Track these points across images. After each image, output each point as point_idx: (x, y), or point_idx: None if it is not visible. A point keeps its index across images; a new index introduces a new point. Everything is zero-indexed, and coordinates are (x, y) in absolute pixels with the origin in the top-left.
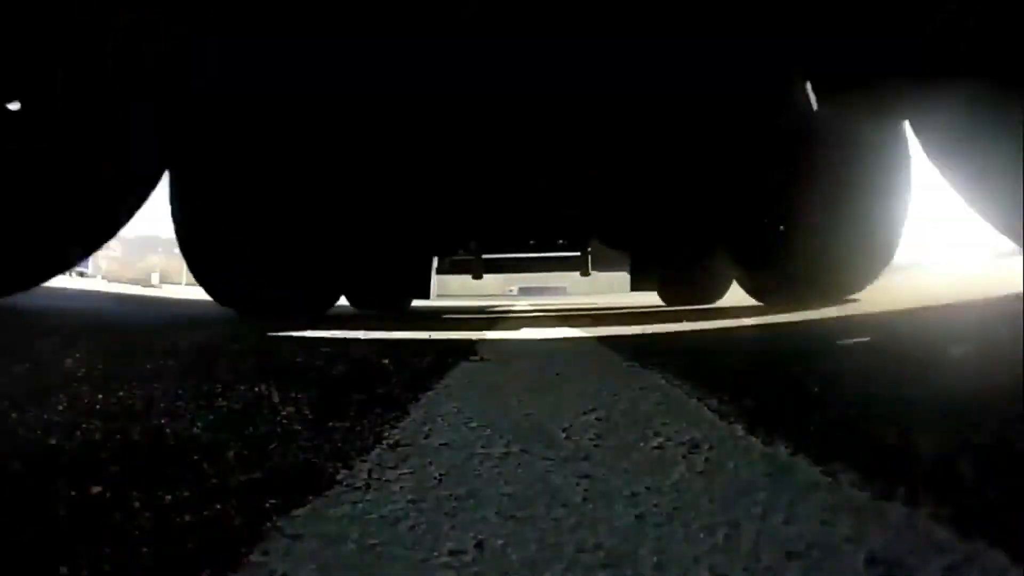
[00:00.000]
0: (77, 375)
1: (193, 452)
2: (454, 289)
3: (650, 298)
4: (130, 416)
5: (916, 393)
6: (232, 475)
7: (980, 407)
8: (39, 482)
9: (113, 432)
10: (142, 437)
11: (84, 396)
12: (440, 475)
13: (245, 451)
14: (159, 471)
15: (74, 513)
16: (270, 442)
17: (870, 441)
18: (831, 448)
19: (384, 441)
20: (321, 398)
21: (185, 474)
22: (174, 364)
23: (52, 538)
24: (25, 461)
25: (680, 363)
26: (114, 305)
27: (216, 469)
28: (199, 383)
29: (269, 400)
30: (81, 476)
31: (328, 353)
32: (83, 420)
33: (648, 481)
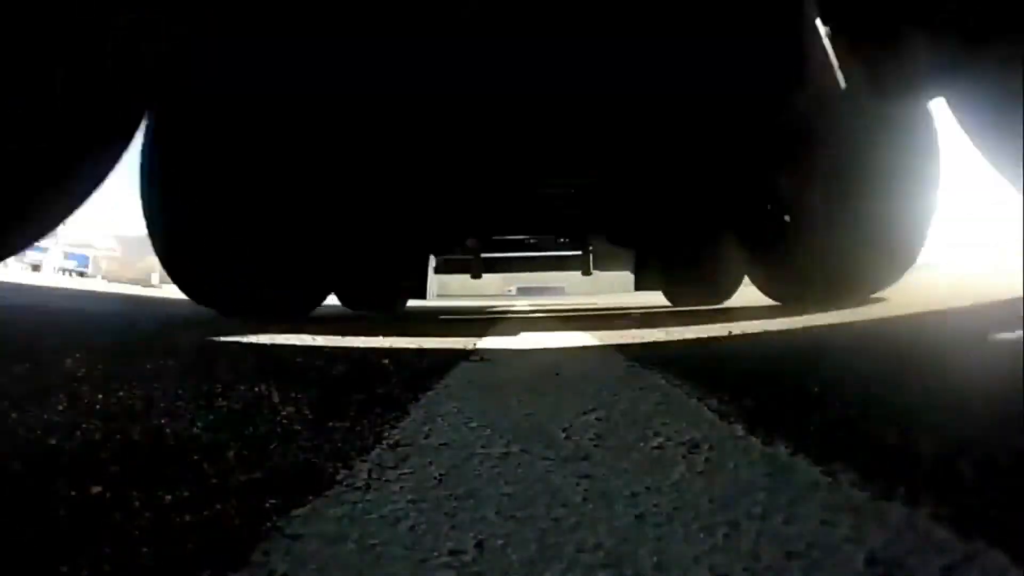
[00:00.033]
0: (77, 375)
1: (193, 452)
2: (453, 289)
3: (654, 298)
4: (130, 416)
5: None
6: (232, 475)
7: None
8: (39, 482)
9: (113, 432)
10: (142, 437)
11: (84, 396)
12: (440, 475)
13: (245, 451)
14: (159, 471)
15: (74, 513)
16: (270, 442)
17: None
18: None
19: (384, 441)
20: (321, 398)
21: (185, 474)
22: (174, 364)
23: (52, 538)
24: (25, 461)
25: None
26: (114, 305)
27: (216, 469)
28: (199, 383)
29: (269, 400)
30: (81, 476)
31: (328, 353)
32: (83, 420)
33: (648, 481)
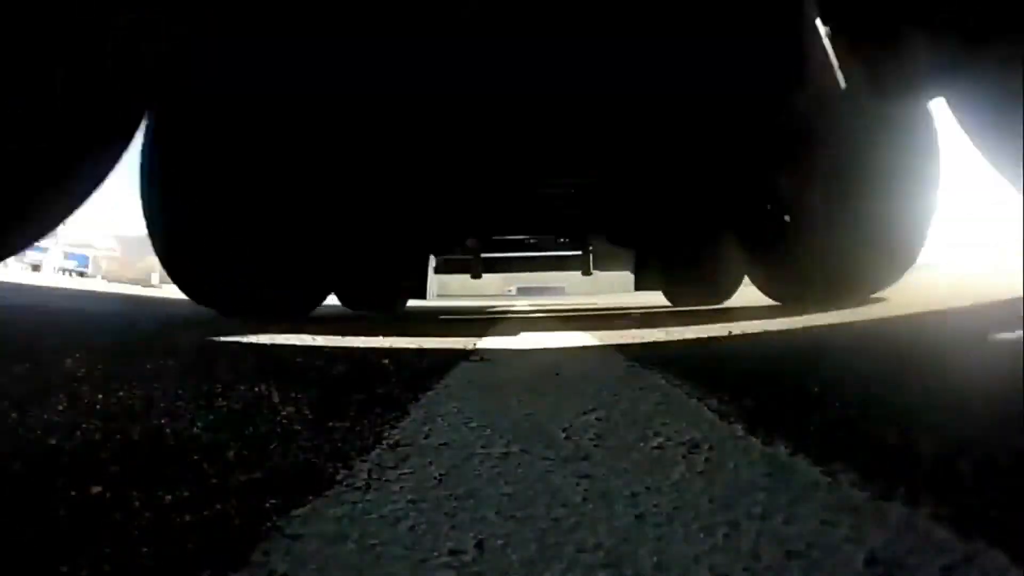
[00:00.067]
0: (77, 375)
1: (193, 452)
2: (452, 289)
3: (654, 298)
4: (130, 416)
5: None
6: (232, 475)
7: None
8: (39, 482)
9: (113, 432)
10: (142, 437)
11: (84, 396)
12: (440, 475)
13: (245, 451)
14: (159, 471)
15: (74, 513)
16: (270, 442)
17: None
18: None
19: (384, 441)
20: (321, 398)
21: (185, 474)
22: (173, 364)
23: (52, 538)
24: (25, 461)
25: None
26: (114, 305)
27: (216, 469)
28: (198, 383)
29: (269, 400)
30: (81, 476)
31: (328, 353)
32: (83, 420)
33: (648, 481)
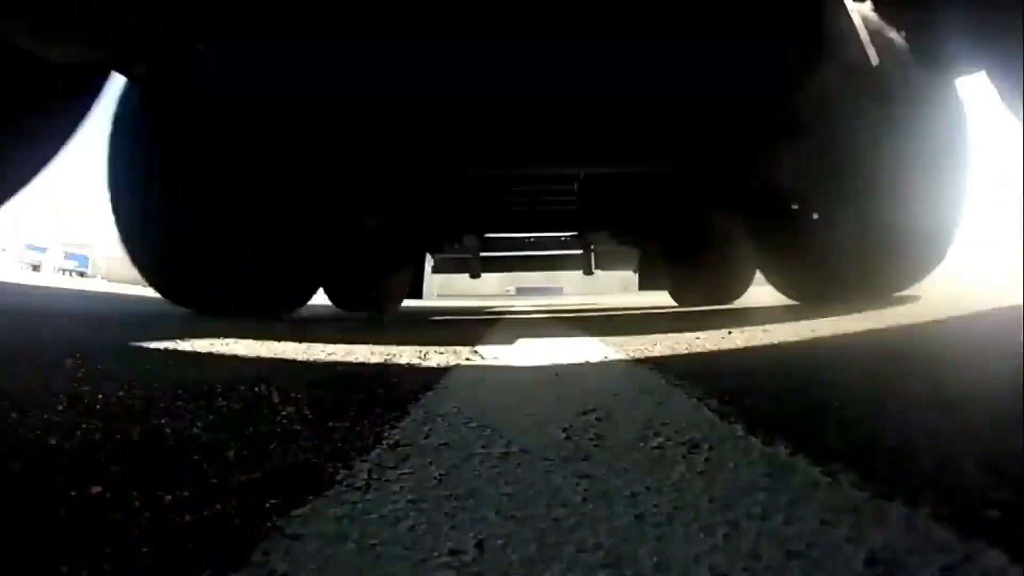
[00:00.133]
0: (77, 375)
1: (193, 452)
2: (450, 289)
3: (657, 298)
4: (130, 416)
5: None
6: (232, 475)
7: None
8: (39, 482)
9: (113, 432)
10: (142, 437)
11: (84, 396)
12: (440, 475)
13: (245, 451)
14: (159, 471)
15: (74, 513)
16: (270, 442)
17: None
18: None
19: (384, 441)
20: (321, 398)
21: (185, 474)
22: (173, 364)
23: (52, 538)
24: (25, 461)
25: None
26: (114, 305)
27: (216, 469)
28: (198, 383)
29: (269, 400)
30: (81, 476)
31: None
32: (83, 420)
33: (648, 481)
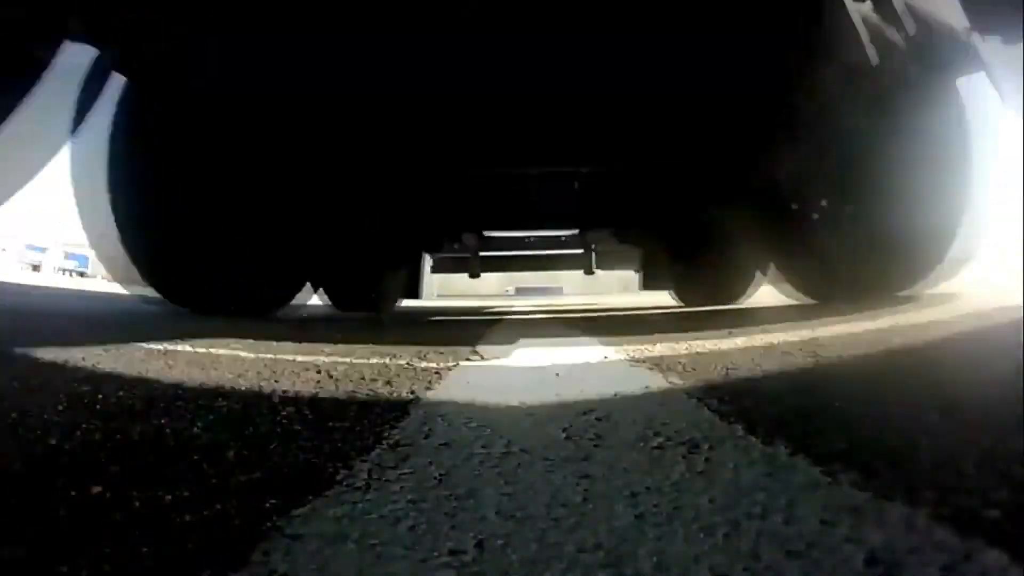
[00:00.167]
0: (77, 375)
1: (193, 452)
2: (449, 289)
3: (661, 298)
4: (130, 416)
5: None
6: (232, 475)
7: None
8: (39, 482)
9: (113, 432)
10: (142, 437)
11: (84, 396)
12: (440, 475)
13: (245, 451)
14: (159, 471)
15: (74, 513)
16: (270, 442)
17: None
18: None
19: (384, 441)
20: (321, 398)
21: (185, 474)
22: (173, 364)
23: (52, 538)
24: (25, 461)
25: None
26: (114, 305)
27: (216, 469)
28: (198, 384)
29: (269, 400)
30: (81, 476)
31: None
32: (83, 420)
33: (648, 481)
